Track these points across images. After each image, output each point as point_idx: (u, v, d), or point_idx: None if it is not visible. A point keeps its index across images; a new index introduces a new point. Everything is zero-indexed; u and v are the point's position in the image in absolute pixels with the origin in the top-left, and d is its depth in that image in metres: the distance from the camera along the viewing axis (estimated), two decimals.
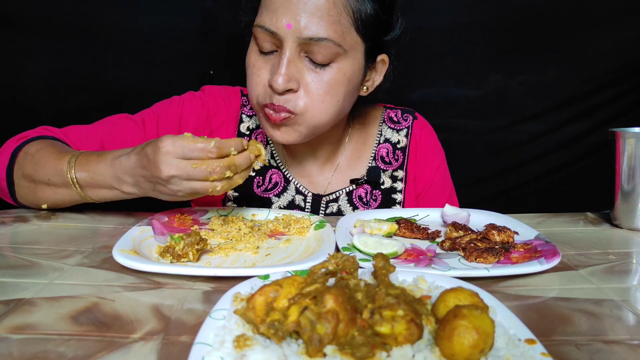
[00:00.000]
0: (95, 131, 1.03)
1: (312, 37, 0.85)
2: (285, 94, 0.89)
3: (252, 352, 0.44)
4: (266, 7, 0.88)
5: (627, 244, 0.86)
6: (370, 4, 0.89)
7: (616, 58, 1.75)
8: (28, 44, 1.67)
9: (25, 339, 0.51)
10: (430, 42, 1.80)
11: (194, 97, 1.11)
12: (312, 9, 0.84)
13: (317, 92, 0.89)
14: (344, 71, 0.90)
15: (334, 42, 0.86)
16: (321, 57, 0.87)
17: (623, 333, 0.55)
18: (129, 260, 0.67)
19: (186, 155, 0.75)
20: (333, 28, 0.85)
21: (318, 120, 0.92)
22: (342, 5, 0.86)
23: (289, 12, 0.84)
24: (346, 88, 0.92)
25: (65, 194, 0.90)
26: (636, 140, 0.91)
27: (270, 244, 0.81)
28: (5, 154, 0.95)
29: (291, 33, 0.85)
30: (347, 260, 0.54)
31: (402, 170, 1.14)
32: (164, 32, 1.74)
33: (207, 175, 0.76)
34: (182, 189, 0.77)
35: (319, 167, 1.12)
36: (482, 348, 0.42)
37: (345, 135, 1.14)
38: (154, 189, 0.80)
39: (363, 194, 1.12)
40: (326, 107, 0.91)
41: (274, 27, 0.86)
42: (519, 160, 1.88)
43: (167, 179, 0.76)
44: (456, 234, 0.83)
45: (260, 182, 1.10)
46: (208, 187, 0.77)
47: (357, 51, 0.91)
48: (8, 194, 0.96)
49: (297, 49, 0.87)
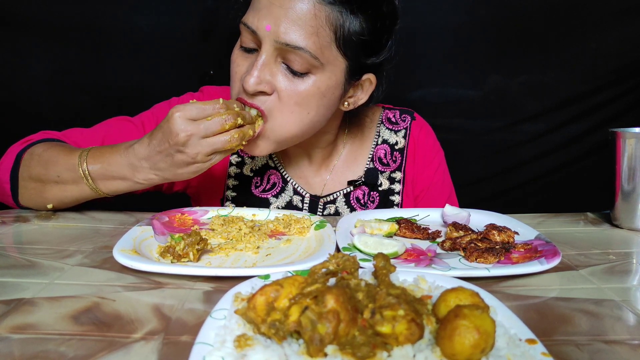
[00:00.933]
0: (96, 133, 1.03)
1: (289, 43, 0.84)
2: (257, 95, 0.88)
3: (253, 352, 0.44)
4: (253, 5, 0.88)
5: (628, 244, 0.86)
6: (356, 22, 0.87)
7: (616, 58, 1.75)
8: (28, 45, 1.67)
9: (26, 338, 0.51)
10: (430, 42, 1.80)
11: (193, 98, 1.11)
12: (293, 17, 0.83)
13: (288, 101, 0.88)
14: (318, 85, 0.88)
15: (310, 54, 0.84)
16: (297, 66, 0.86)
17: (623, 333, 0.55)
18: (130, 260, 0.67)
19: (199, 115, 0.80)
20: (312, 39, 0.84)
21: (287, 132, 0.91)
22: (325, 19, 0.84)
23: (271, 14, 0.84)
24: (318, 102, 0.90)
25: (75, 190, 0.91)
26: (636, 141, 0.91)
27: (271, 244, 0.81)
28: (9, 157, 0.96)
29: (269, 35, 0.84)
30: (347, 260, 0.54)
31: (400, 172, 1.14)
32: (164, 32, 1.74)
33: (223, 124, 0.81)
34: (200, 150, 0.81)
35: (315, 168, 1.12)
36: (483, 348, 0.42)
37: (341, 137, 1.13)
38: (172, 163, 0.83)
39: (361, 195, 1.11)
40: (294, 118, 0.89)
41: (255, 26, 0.86)
42: (519, 160, 1.88)
43: (185, 140, 0.79)
44: (456, 234, 0.83)
45: (258, 183, 1.10)
46: (226, 138, 0.81)
47: (335, 67, 0.89)
48: (10, 197, 0.96)
49: (274, 53, 0.86)
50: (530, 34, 1.75)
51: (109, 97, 1.72)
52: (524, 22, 1.74)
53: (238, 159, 1.11)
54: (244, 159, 1.11)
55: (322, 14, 0.84)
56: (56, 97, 1.73)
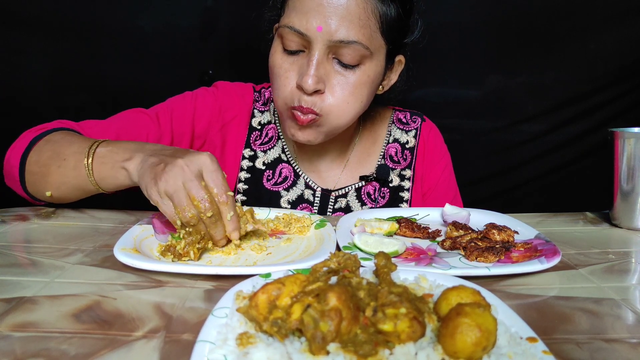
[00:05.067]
0: (110, 125, 1.03)
1: (343, 39, 0.87)
2: (313, 95, 0.91)
3: (255, 350, 0.44)
4: (295, 8, 0.89)
5: (627, 244, 0.87)
6: (394, 7, 0.92)
7: (615, 58, 1.75)
8: (28, 43, 1.66)
9: (28, 336, 0.51)
10: (429, 42, 1.80)
11: (207, 92, 1.12)
12: (343, 13, 0.86)
13: (343, 93, 0.92)
14: (368, 73, 0.93)
15: (362, 45, 0.88)
16: (349, 59, 0.90)
17: (623, 331, 0.55)
18: (131, 259, 0.67)
19: (204, 180, 0.73)
20: (362, 32, 0.88)
21: (341, 121, 0.96)
22: (371, 10, 0.89)
23: (320, 15, 0.86)
24: (369, 89, 0.96)
25: (72, 175, 0.87)
26: (635, 140, 0.91)
27: (271, 243, 0.81)
28: (22, 142, 0.95)
29: (322, 35, 0.87)
30: (349, 258, 0.54)
31: (410, 170, 1.16)
32: (164, 32, 1.74)
33: (181, 216, 0.72)
34: (175, 188, 0.72)
35: (328, 163, 1.14)
36: (484, 346, 0.42)
37: (356, 133, 1.16)
38: (153, 171, 0.75)
39: (371, 190, 1.13)
40: (350, 108, 0.94)
41: (304, 28, 0.87)
42: (519, 160, 1.88)
43: (171, 168, 0.72)
44: (456, 233, 0.84)
45: (270, 176, 1.11)
46: (184, 214, 0.72)
47: (380, 53, 0.94)
48: (18, 182, 0.94)
49: (326, 51, 0.89)
50: (530, 34, 1.75)
51: (109, 97, 1.72)
52: (524, 22, 1.74)
53: (251, 152, 1.12)
54: (256, 153, 1.12)
55: (369, 5, 0.88)
56: (55, 95, 1.72)
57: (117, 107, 1.10)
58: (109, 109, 1.11)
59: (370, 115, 1.17)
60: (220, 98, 1.12)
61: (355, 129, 1.15)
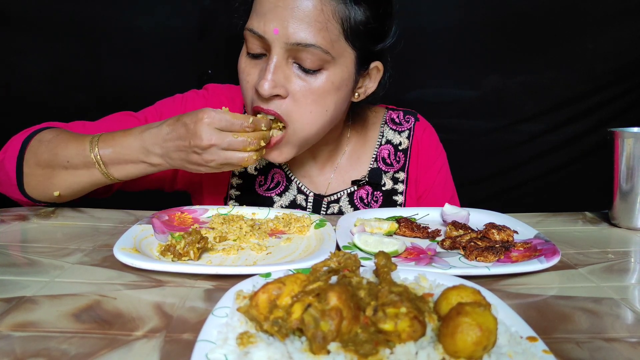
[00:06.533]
0: (99, 127, 1.03)
1: (300, 42, 0.84)
2: (272, 99, 0.88)
3: (256, 349, 0.44)
4: (255, 11, 0.88)
5: (626, 243, 0.87)
6: (360, 11, 0.88)
7: (614, 58, 1.76)
8: (26, 43, 1.66)
9: (28, 336, 0.51)
10: (429, 42, 1.80)
11: (197, 95, 1.11)
12: (300, 15, 0.84)
13: (305, 100, 0.88)
14: (332, 79, 0.89)
15: (321, 49, 0.85)
16: (309, 63, 0.86)
17: (622, 331, 0.55)
18: (130, 259, 0.67)
19: (227, 128, 0.82)
20: (321, 34, 0.85)
21: (308, 132, 0.92)
22: (331, 13, 0.85)
23: (277, 17, 0.84)
24: (335, 97, 0.91)
25: (85, 175, 0.91)
26: (634, 140, 0.91)
27: (271, 243, 0.81)
28: (14, 145, 0.95)
29: (278, 38, 0.85)
30: (349, 258, 0.54)
31: (404, 172, 1.14)
32: (163, 32, 1.74)
33: (245, 145, 0.84)
34: (216, 159, 0.84)
35: (319, 167, 1.12)
36: (485, 345, 0.42)
37: (345, 136, 1.13)
38: (185, 158, 0.85)
39: (364, 195, 1.11)
40: (314, 118, 0.91)
41: (262, 31, 0.86)
42: (518, 160, 1.88)
43: (207, 147, 0.82)
44: (456, 233, 0.84)
45: (262, 182, 1.10)
46: (243, 156, 0.84)
47: (346, 59, 0.90)
48: (15, 186, 0.94)
49: (284, 55, 0.86)
50: (528, 34, 1.76)
51: (108, 97, 1.72)
52: (522, 23, 1.75)
53: None
54: None
55: (328, 7, 0.85)
56: (54, 95, 1.73)
57: (116, 107, 1.10)
58: (108, 109, 1.11)
59: (360, 116, 1.15)
60: (210, 101, 1.11)
61: (343, 131, 1.12)
